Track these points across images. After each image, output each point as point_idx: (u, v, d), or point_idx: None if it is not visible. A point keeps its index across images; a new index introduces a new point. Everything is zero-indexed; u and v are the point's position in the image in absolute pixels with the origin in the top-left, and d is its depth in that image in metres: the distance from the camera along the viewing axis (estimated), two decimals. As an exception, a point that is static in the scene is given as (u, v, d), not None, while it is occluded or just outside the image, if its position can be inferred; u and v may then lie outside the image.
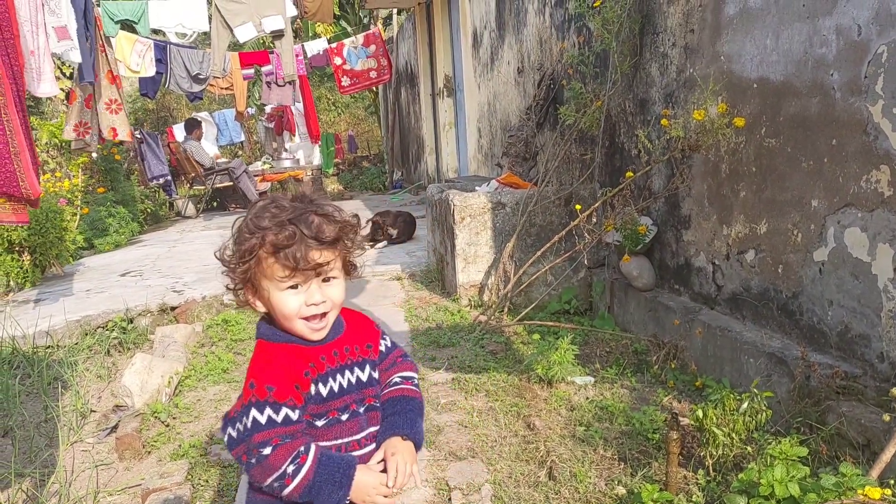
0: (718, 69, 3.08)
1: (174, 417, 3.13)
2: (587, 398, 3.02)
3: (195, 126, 11.02)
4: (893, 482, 1.76)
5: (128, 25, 7.91)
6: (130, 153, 9.93)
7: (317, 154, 13.22)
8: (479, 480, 2.38)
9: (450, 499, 2.31)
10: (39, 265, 5.78)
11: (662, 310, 3.54)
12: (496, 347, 3.69)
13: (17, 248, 5.50)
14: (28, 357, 3.89)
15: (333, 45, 10.03)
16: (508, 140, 5.32)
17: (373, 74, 10.20)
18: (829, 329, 2.56)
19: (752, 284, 2.98)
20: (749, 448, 2.22)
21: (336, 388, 1.33)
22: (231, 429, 1.29)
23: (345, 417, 1.34)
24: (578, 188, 4.38)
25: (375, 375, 1.42)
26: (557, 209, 4.41)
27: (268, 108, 13.09)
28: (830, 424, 2.29)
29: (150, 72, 8.31)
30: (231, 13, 7.13)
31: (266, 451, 1.22)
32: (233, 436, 1.28)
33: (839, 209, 2.45)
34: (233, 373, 3.65)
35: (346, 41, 10.12)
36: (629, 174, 3.72)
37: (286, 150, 13.05)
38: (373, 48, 10.04)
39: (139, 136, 9.74)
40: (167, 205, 11.04)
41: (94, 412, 3.31)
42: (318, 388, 1.31)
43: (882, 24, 2.21)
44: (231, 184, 10.64)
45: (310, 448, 1.26)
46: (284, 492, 1.24)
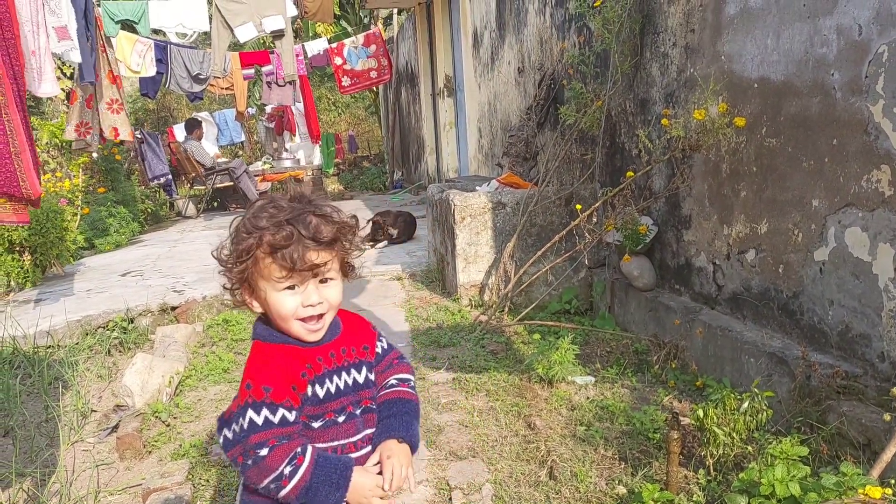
0: (719, 69, 3.08)
1: (175, 417, 3.13)
2: (588, 398, 3.02)
3: (195, 126, 11.03)
4: (894, 482, 1.76)
5: (128, 25, 7.91)
6: (131, 153, 9.94)
7: (317, 154, 13.23)
8: (480, 480, 2.38)
9: (450, 498, 2.31)
10: (40, 265, 5.78)
11: (663, 310, 3.54)
12: (497, 347, 3.69)
13: (18, 248, 5.51)
14: (29, 357, 3.89)
15: (334, 45, 10.03)
16: (509, 140, 5.33)
17: (373, 74, 10.20)
18: (830, 329, 2.56)
19: (753, 284, 2.98)
20: (750, 448, 2.22)
21: (333, 390, 1.32)
22: (227, 430, 1.28)
23: (341, 419, 1.33)
24: (579, 188, 4.38)
25: (372, 377, 1.41)
26: (558, 209, 4.41)
27: (268, 108, 13.09)
28: (831, 424, 2.29)
29: (151, 72, 8.31)
30: (231, 13, 7.13)
31: (263, 452, 1.21)
32: (228, 437, 1.27)
33: (840, 209, 2.45)
34: (233, 372, 3.65)
35: (347, 41, 10.12)
36: (630, 174, 3.72)
37: (287, 150, 13.04)
38: (373, 48, 10.05)
39: (139, 136, 9.75)
40: (168, 205, 11.05)
41: (95, 412, 3.31)
42: (315, 390, 1.30)
43: (883, 24, 2.21)
44: (231, 184, 10.64)
45: (307, 449, 1.25)
46: (281, 493, 1.22)
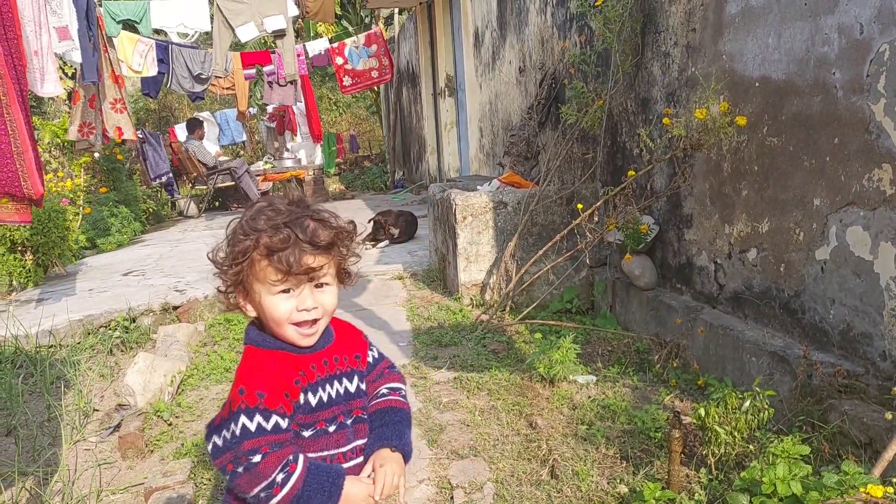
0: (720, 68, 3.08)
1: (177, 416, 3.14)
2: (589, 397, 3.02)
3: (197, 126, 11.03)
4: (896, 480, 1.76)
5: (129, 25, 7.90)
6: (132, 153, 9.95)
7: (318, 154, 13.23)
8: (482, 479, 2.38)
9: (452, 497, 2.31)
10: (42, 265, 5.79)
11: (664, 309, 3.54)
12: (498, 346, 3.69)
13: (20, 248, 5.51)
14: (31, 356, 3.90)
15: (335, 45, 10.04)
16: (510, 139, 5.33)
17: (374, 74, 10.20)
18: (832, 328, 2.56)
19: (754, 283, 2.98)
20: (751, 446, 2.22)
21: (325, 399, 1.31)
22: (216, 437, 1.24)
23: (332, 429, 1.32)
24: (580, 187, 4.38)
25: (363, 387, 1.41)
26: (559, 208, 4.41)
27: (269, 108, 13.10)
28: (832, 423, 2.29)
29: (152, 72, 8.32)
30: (233, 13, 7.14)
31: (255, 459, 1.19)
32: (218, 444, 1.24)
33: (841, 208, 2.45)
34: (235, 372, 3.65)
35: (348, 41, 10.12)
36: (631, 173, 3.72)
37: (288, 150, 13.05)
38: (374, 48, 10.05)
39: (141, 136, 9.76)
40: (169, 204, 11.07)
41: (97, 411, 3.31)
42: (308, 398, 1.29)
43: (884, 23, 2.21)
44: (233, 183, 10.65)
45: (299, 457, 1.23)
46: (272, 502, 1.20)
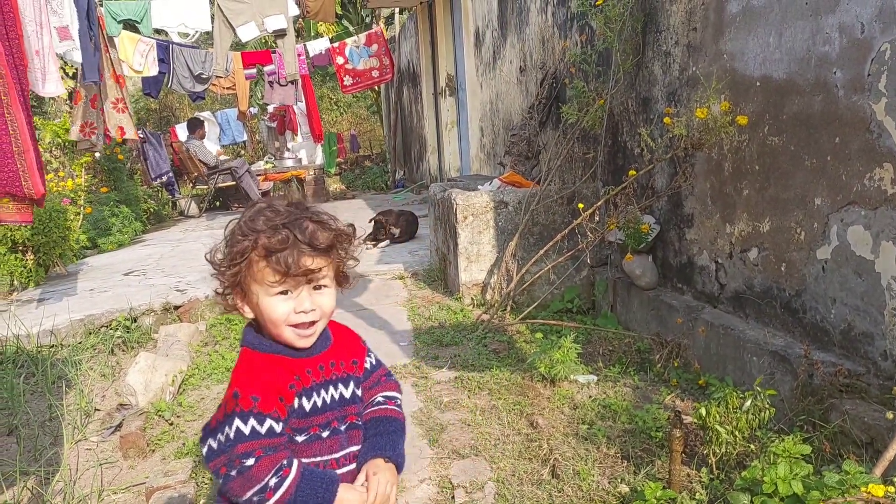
0: (721, 67, 3.08)
1: (178, 416, 3.14)
2: (590, 396, 3.02)
3: (198, 125, 11.04)
4: (897, 480, 1.76)
5: (130, 25, 7.91)
6: (133, 153, 9.96)
7: (319, 153, 13.24)
8: (483, 478, 2.39)
9: (453, 497, 2.31)
10: (43, 264, 5.80)
11: (665, 308, 3.54)
12: (499, 346, 3.69)
13: (21, 248, 5.52)
14: (32, 356, 3.90)
15: (335, 45, 10.04)
16: (511, 139, 5.33)
17: (375, 74, 10.20)
18: (833, 327, 2.55)
19: (755, 283, 2.98)
20: (752, 446, 2.22)
21: (319, 404, 1.30)
22: (211, 440, 1.24)
23: (325, 434, 1.31)
24: (581, 187, 4.38)
25: (358, 393, 1.39)
26: (560, 208, 4.41)
27: (270, 108, 13.11)
28: (834, 422, 2.29)
29: (153, 71, 8.32)
30: (233, 13, 7.14)
31: (249, 463, 1.19)
32: (213, 447, 1.23)
33: (842, 207, 2.45)
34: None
35: (349, 40, 10.13)
36: (632, 172, 3.72)
37: (289, 150, 13.06)
38: (375, 47, 10.05)
39: (142, 136, 9.77)
40: (170, 204, 11.08)
41: (99, 411, 3.32)
42: (302, 402, 1.28)
43: (885, 22, 2.21)
44: (234, 183, 10.66)
45: (293, 462, 1.23)
46: None
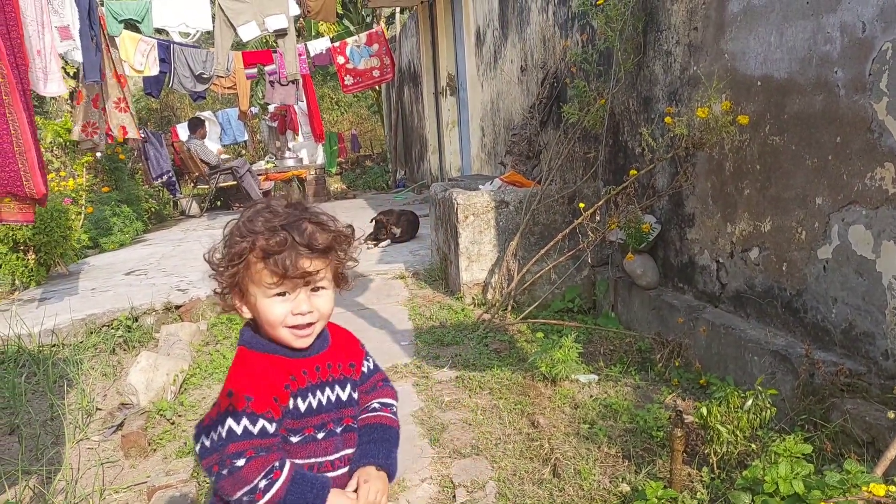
0: (722, 67, 3.08)
1: (179, 415, 3.14)
2: (591, 396, 3.02)
3: (199, 125, 11.05)
4: (898, 479, 1.76)
5: (131, 25, 7.92)
6: (134, 152, 9.96)
7: (320, 153, 13.24)
8: (484, 477, 2.39)
9: (454, 496, 2.31)
10: (44, 264, 5.80)
11: (666, 308, 3.54)
12: (500, 346, 3.69)
13: (23, 247, 5.52)
14: (34, 356, 3.91)
15: (336, 44, 10.04)
16: (512, 138, 5.33)
17: (376, 73, 10.20)
18: (834, 327, 2.55)
19: (757, 282, 2.98)
20: (753, 445, 2.22)
21: (315, 405, 1.30)
22: (204, 438, 1.24)
23: (320, 436, 1.31)
24: (582, 186, 4.38)
25: (355, 396, 1.39)
26: (561, 207, 4.41)
27: (271, 108, 13.11)
28: (835, 422, 2.29)
29: (154, 71, 8.32)
30: (234, 12, 7.15)
31: (239, 463, 1.19)
32: (206, 445, 1.24)
33: (843, 206, 2.45)
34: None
35: (349, 40, 10.13)
36: (633, 172, 3.71)
37: (289, 150, 13.06)
38: (376, 47, 10.05)
39: (143, 136, 9.78)
40: (171, 204, 11.09)
41: (100, 410, 3.32)
42: (297, 403, 1.27)
43: (887, 21, 2.21)
44: (234, 183, 10.66)
45: (284, 464, 1.22)
46: None
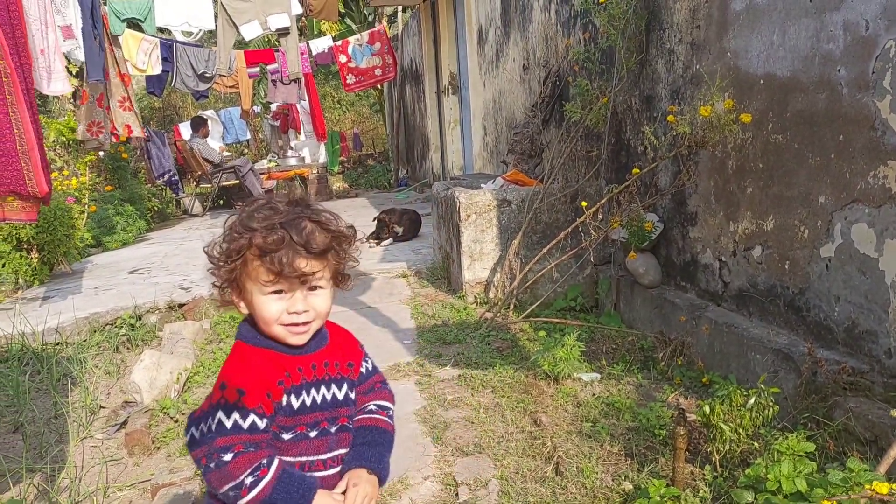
0: (725, 65, 3.08)
1: (183, 413, 3.14)
2: (593, 394, 3.02)
3: (201, 124, 11.06)
4: (901, 477, 1.76)
5: (134, 24, 7.93)
6: (137, 151, 9.98)
7: (322, 152, 13.25)
8: (486, 475, 2.39)
9: (457, 494, 2.32)
10: (48, 263, 5.82)
11: (669, 306, 3.54)
12: (502, 344, 3.70)
13: (26, 246, 5.54)
14: (37, 354, 3.92)
15: (338, 43, 10.05)
16: (514, 137, 5.33)
17: (378, 72, 10.21)
18: (836, 325, 2.55)
19: (759, 281, 2.98)
20: (756, 444, 2.22)
21: (308, 403, 1.29)
22: (195, 429, 1.24)
23: (313, 434, 1.30)
24: (584, 185, 4.38)
25: (352, 396, 1.38)
26: (563, 206, 4.41)
27: (273, 106, 13.12)
28: (837, 420, 2.29)
29: (156, 70, 8.34)
30: (237, 11, 7.16)
31: (226, 458, 1.18)
32: (195, 436, 1.23)
33: (846, 205, 2.45)
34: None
35: (351, 39, 10.13)
36: (635, 171, 3.71)
37: (292, 148, 13.08)
38: (378, 46, 10.05)
39: (146, 134, 9.79)
40: (174, 203, 11.10)
41: (104, 408, 3.33)
42: (290, 400, 1.27)
43: (890, 19, 2.20)
44: (237, 182, 10.67)
45: (272, 462, 1.22)
46: (239, 503, 1.20)
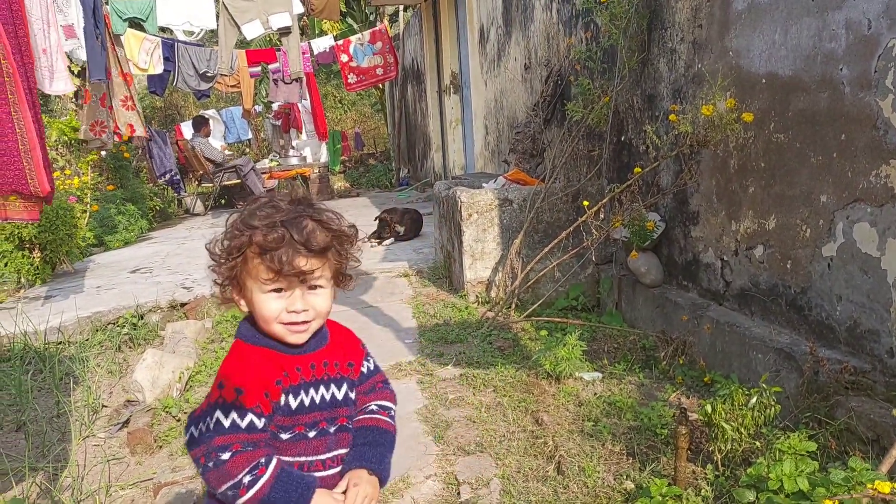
0: (727, 64, 3.08)
1: (185, 412, 3.15)
2: (595, 394, 3.02)
3: (203, 123, 11.07)
4: (903, 477, 1.76)
5: (136, 23, 7.94)
6: (139, 151, 9.99)
7: (324, 151, 13.25)
8: (488, 475, 2.39)
9: (459, 493, 2.32)
10: (50, 262, 5.83)
11: (670, 306, 3.54)
12: (504, 343, 3.70)
13: (28, 245, 5.55)
14: (40, 353, 3.93)
15: (340, 43, 10.05)
16: (515, 136, 5.33)
17: (379, 71, 10.21)
18: (838, 324, 2.55)
19: (761, 280, 2.98)
20: (758, 443, 2.23)
21: (307, 403, 1.28)
22: (193, 428, 1.24)
23: (311, 434, 1.29)
24: (586, 184, 4.38)
25: (352, 396, 1.37)
26: (565, 205, 4.41)
27: (275, 106, 13.12)
28: (839, 419, 2.29)
29: (158, 69, 8.35)
30: (238, 10, 7.17)
31: (224, 456, 1.18)
32: (194, 435, 1.23)
33: (848, 204, 2.45)
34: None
35: (353, 38, 10.13)
36: (637, 170, 3.71)
37: (293, 148, 13.08)
38: (379, 45, 10.05)
39: (148, 134, 9.80)
40: (176, 202, 11.11)
41: (106, 407, 3.34)
42: (288, 400, 1.26)
43: (892, 18, 2.20)
44: (239, 181, 10.69)
45: (270, 461, 1.21)
46: (237, 502, 1.19)
